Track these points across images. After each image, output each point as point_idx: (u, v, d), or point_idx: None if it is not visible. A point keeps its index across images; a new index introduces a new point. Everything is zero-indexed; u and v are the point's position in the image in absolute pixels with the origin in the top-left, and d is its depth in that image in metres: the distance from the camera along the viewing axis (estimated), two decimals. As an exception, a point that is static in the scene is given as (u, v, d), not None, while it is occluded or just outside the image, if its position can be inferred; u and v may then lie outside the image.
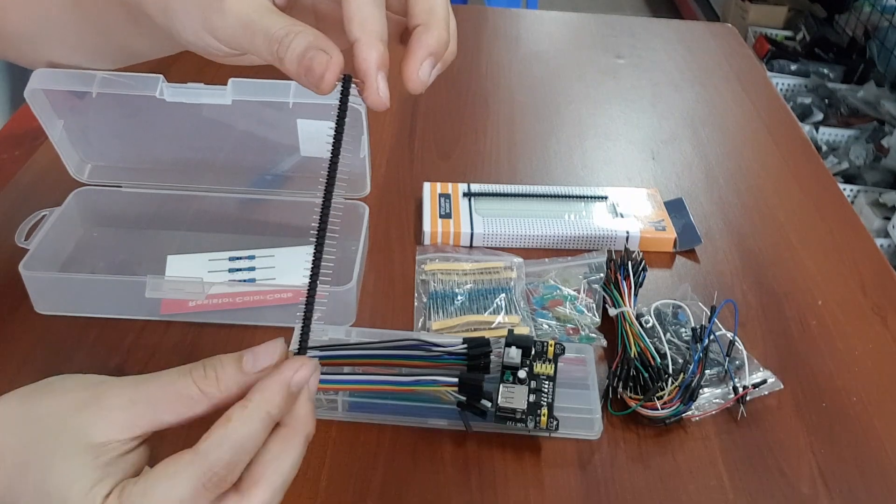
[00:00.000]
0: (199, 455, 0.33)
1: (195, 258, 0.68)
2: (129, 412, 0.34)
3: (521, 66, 1.07)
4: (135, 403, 0.34)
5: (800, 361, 0.63)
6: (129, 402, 0.34)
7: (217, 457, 0.33)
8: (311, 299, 0.36)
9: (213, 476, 0.33)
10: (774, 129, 0.96)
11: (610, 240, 0.73)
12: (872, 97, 2.30)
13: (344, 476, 0.52)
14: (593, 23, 1.23)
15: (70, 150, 0.69)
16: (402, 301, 0.66)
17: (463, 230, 0.72)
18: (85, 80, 0.61)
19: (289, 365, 0.35)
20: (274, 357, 0.35)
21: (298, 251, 0.69)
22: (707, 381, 0.59)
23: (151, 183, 0.70)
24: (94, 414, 0.33)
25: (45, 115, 0.64)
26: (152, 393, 0.34)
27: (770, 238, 0.76)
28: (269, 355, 0.35)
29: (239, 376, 0.34)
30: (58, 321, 0.62)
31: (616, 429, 0.56)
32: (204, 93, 0.62)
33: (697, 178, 0.85)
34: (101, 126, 0.68)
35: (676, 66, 1.10)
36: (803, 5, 2.95)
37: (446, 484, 0.52)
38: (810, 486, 0.53)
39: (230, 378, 0.34)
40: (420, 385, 0.53)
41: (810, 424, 0.57)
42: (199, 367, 0.34)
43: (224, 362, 0.35)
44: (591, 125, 0.94)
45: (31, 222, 0.65)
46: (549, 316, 0.64)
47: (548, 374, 0.54)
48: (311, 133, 0.66)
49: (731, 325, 0.62)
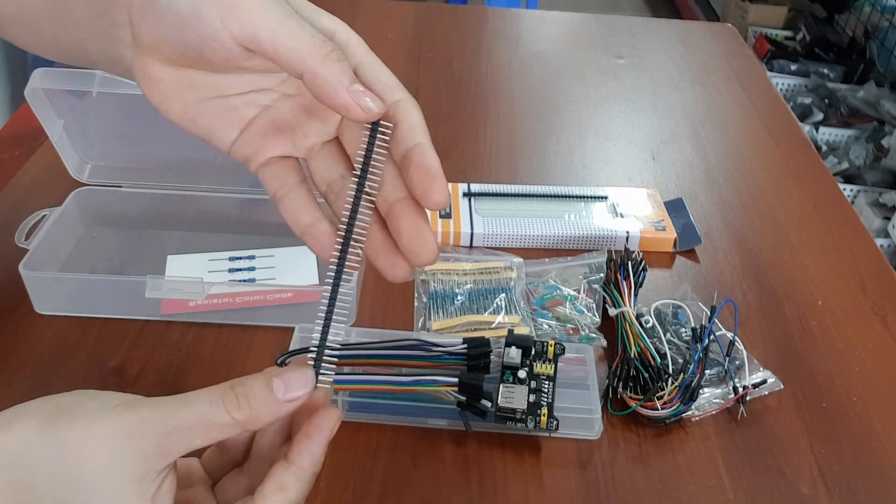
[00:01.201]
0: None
1: (195, 258, 0.68)
2: (164, 442, 0.33)
3: (521, 66, 1.07)
4: (169, 434, 0.33)
5: (800, 361, 0.63)
6: (164, 434, 0.33)
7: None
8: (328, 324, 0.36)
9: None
10: (774, 129, 0.96)
11: (610, 240, 0.73)
12: (872, 97, 2.30)
13: (344, 476, 0.52)
14: (593, 23, 1.23)
15: (70, 150, 0.69)
16: (402, 301, 0.66)
17: (463, 230, 0.72)
18: (85, 79, 0.61)
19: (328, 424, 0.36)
20: (306, 388, 0.35)
21: (298, 251, 0.69)
22: (707, 381, 0.59)
23: (151, 183, 0.70)
24: (129, 448, 0.33)
25: (45, 115, 0.64)
26: (185, 423, 0.34)
27: (770, 238, 0.76)
28: (302, 386, 0.35)
29: (271, 403, 0.35)
30: (58, 321, 0.62)
31: (616, 429, 0.56)
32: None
33: (697, 178, 0.85)
34: (101, 126, 0.68)
35: (676, 66, 1.10)
36: (803, 5, 2.95)
37: (446, 484, 0.52)
38: (810, 486, 0.53)
39: (262, 406, 0.35)
40: (420, 385, 0.53)
41: (810, 424, 0.57)
42: (231, 394, 0.34)
43: (255, 390, 0.35)
44: (591, 125, 0.94)
45: (31, 222, 0.65)
46: (549, 316, 0.64)
47: (548, 374, 0.54)
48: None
49: (731, 325, 0.62)
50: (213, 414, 0.34)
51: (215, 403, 0.34)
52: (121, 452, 0.33)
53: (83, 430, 0.33)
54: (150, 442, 0.33)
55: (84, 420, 0.33)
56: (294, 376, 0.35)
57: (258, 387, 0.35)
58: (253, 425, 0.35)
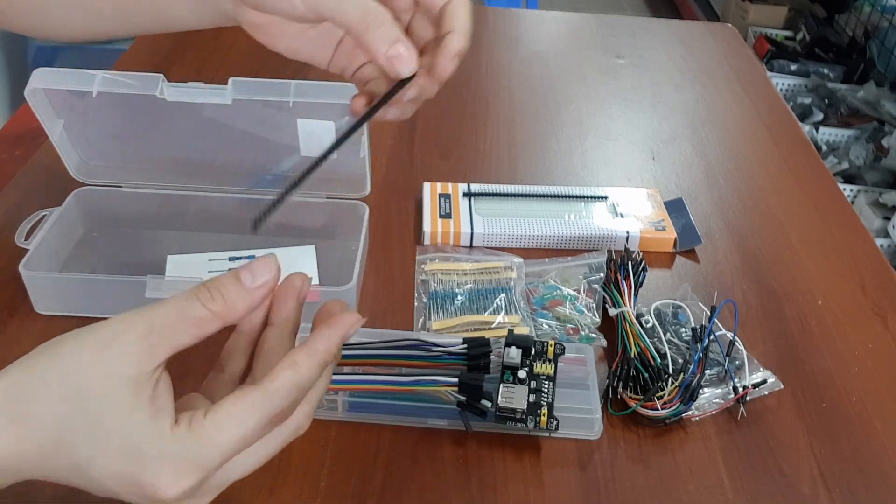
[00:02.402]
0: (269, 394, 0.36)
1: (195, 258, 0.68)
2: (148, 343, 0.35)
3: (521, 66, 1.07)
4: (150, 334, 0.35)
5: (800, 361, 0.63)
6: (145, 333, 0.35)
7: (285, 397, 0.36)
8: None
9: (280, 413, 0.36)
10: (774, 129, 0.96)
11: (610, 240, 0.73)
12: (872, 97, 2.30)
13: (344, 476, 0.52)
14: (593, 23, 1.23)
15: (70, 150, 0.69)
16: (402, 301, 0.66)
17: (463, 230, 0.72)
18: (85, 79, 0.61)
19: (349, 320, 0.39)
20: (271, 272, 0.38)
21: (298, 251, 0.69)
22: (707, 381, 0.59)
23: (151, 183, 0.70)
24: (115, 351, 0.35)
25: (45, 115, 0.64)
26: (164, 321, 0.36)
27: (770, 238, 0.77)
28: (266, 271, 0.38)
29: (242, 293, 0.37)
30: (58, 321, 0.62)
31: (616, 429, 0.56)
32: (204, 92, 0.62)
33: (697, 178, 0.85)
34: (101, 126, 0.68)
35: (676, 66, 1.10)
36: (803, 5, 2.95)
37: (446, 484, 0.52)
38: (810, 486, 0.53)
39: (235, 296, 0.37)
40: (420, 385, 0.53)
41: (810, 424, 0.57)
42: (203, 290, 0.37)
43: (226, 283, 0.37)
44: (591, 125, 0.94)
45: (32, 222, 0.65)
46: (549, 316, 0.64)
47: (548, 374, 0.54)
48: (311, 133, 0.66)
49: (731, 325, 0.62)
50: (189, 308, 0.36)
51: (190, 299, 0.36)
52: (109, 357, 0.35)
53: (76, 345, 0.35)
54: (133, 343, 0.35)
55: (73, 340, 0.35)
56: (258, 265, 0.38)
57: (228, 280, 0.37)
58: (230, 315, 0.37)
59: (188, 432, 0.35)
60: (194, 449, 0.35)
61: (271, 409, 0.36)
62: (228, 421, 0.35)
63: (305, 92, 0.62)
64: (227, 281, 0.37)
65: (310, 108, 0.63)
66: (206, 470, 0.35)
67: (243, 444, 0.36)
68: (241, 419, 0.35)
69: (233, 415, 0.35)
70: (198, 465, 0.35)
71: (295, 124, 0.65)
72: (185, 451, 0.35)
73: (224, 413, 0.35)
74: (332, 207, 0.70)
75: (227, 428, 0.35)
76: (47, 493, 0.49)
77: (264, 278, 0.37)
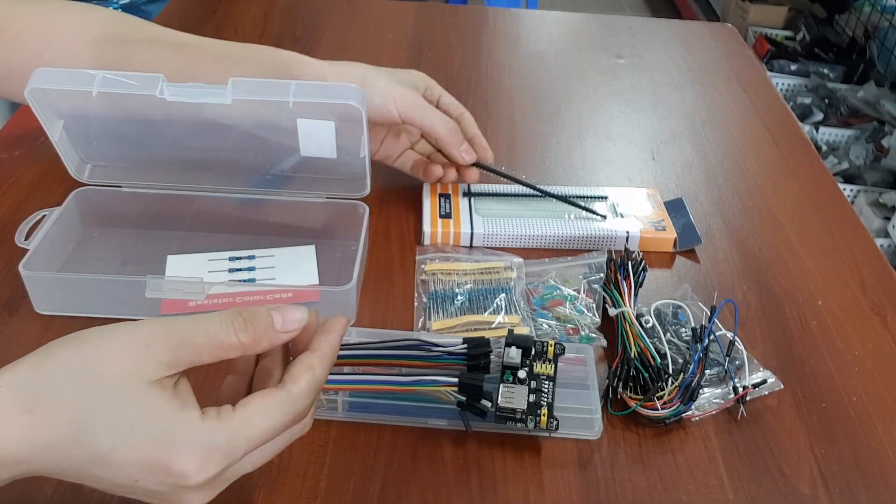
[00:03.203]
0: (294, 395, 0.40)
1: (195, 258, 0.68)
2: (177, 353, 0.38)
3: (521, 66, 1.07)
4: (182, 347, 0.38)
5: (800, 361, 0.63)
6: (178, 345, 0.38)
7: (306, 397, 0.40)
8: None
9: (301, 412, 0.40)
10: (774, 129, 0.96)
11: (610, 240, 0.73)
12: (872, 97, 2.30)
13: (344, 476, 0.52)
14: (593, 23, 1.23)
15: (70, 150, 0.69)
16: (402, 301, 0.66)
17: (463, 230, 0.72)
18: (85, 79, 0.61)
19: (341, 322, 0.44)
20: (300, 323, 0.41)
21: (298, 251, 0.69)
22: (707, 381, 0.59)
23: (151, 183, 0.70)
24: (147, 354, 0.37)
25: (45, 115, 0.64)
26: (196, 340, 0.38)
27: (770, 238, 0.76)
28: (296, 322, 0.41)
29: (271, 333, 0.40)
30: (58, 321, 0.62)
31: (616, 429, 0.56)
32: (204, 92, 0.62)
33: (697, 178, 0.85)
34: (101, 126, 0.68)
35: (676, 66, 1.10)
36: (803, 5, 2.95)
37: (446, 484, 0.52)
38: (810, 486, 0.53)
39: (264, 335, 0.40)
40: (420, 385, 0.53)
41: (810, 424, 0.57)
42: (239, 318, 0.39)
43: (258, 319, 0.40)
44: (591, 125, 0.94)
45: (31, 222, 0.65)
46: (549, 316, 0.64)
47: (548, 374, 0.54)
48: (311, 133, 0.66)
49: (731, 325, 0.62)
50: (223, 333, 0.39)
51: (226, 324, 0.39)
52: (139, 357, 0.37)
53: (101, 341, 0.37)
54: (165, 351, 0.37)
55: (99, 336, 0.37)
56: (290, 312, 0.41)
57: (262, 317, 0.40)
58: (252, 349, 0.40)
59: (218, 422, 0.37)
60: (225, 439, 0.37)
61: (296, 408, 0.39)
62: (257, 415, 0.38)
63: (305, 92, 0.62)
64: (261, 318, 0.40)
65: (310, 108, 0.63)
66: (231, 459, 0.37)
67: (267, 438, 0.39)
68: (270, 414, 0.38)
69: (261, 410, 0.38)
70: (225, 454, 0.37)
71: (295, 124, 0.65)
72: (215, 439, 0.37)
73: (253, 407, 0.38)
74: (332, 207, 0.70)
75: (257, 422, 0.38)
76: (47, 493, 0.49)
77: (293, 327, 0.41)
